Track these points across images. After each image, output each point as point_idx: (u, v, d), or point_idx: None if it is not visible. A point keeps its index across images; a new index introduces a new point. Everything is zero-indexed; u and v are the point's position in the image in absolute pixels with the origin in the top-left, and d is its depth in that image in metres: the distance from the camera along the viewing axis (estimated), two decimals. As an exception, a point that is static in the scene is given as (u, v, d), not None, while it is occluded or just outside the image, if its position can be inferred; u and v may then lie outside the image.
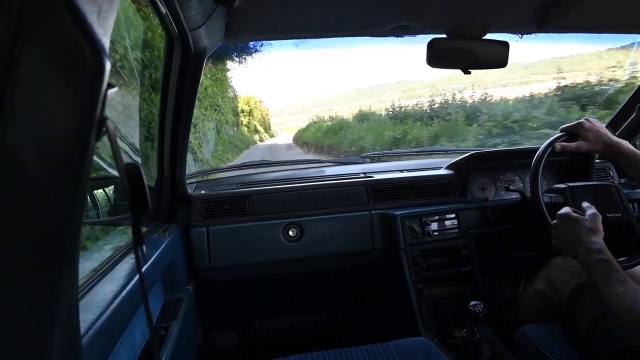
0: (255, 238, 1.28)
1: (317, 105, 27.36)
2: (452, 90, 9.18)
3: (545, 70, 9.08)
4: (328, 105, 26.41)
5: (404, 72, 34.48)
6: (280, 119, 22.64)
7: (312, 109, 26.96)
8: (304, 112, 26.34)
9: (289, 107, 26.48)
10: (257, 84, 30.11)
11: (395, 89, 15.77)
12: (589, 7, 0.92)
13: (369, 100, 17.98)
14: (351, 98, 25.44)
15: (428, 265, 1.26)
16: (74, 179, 0.28)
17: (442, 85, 12.61)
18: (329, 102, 26.81)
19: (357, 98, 24.13)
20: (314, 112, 25.77)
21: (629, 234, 1.06)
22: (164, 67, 0.98)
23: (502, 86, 8.56)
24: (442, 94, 9.49)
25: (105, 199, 1.10)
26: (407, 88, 16.36)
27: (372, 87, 24.64)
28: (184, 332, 0.99)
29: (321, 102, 27.41)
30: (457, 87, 9.21)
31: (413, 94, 13.17)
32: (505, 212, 1.33)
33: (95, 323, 0.57)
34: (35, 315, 0.27)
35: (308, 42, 4.01)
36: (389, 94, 17.00)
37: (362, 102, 18.12)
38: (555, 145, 1.12)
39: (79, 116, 0.27)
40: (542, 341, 0.94)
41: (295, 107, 27.11)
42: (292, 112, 26.02)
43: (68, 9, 0.24)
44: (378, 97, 19.57)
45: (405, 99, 11.63)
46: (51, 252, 0.28)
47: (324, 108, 26.43)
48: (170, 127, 1.06)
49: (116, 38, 1.58)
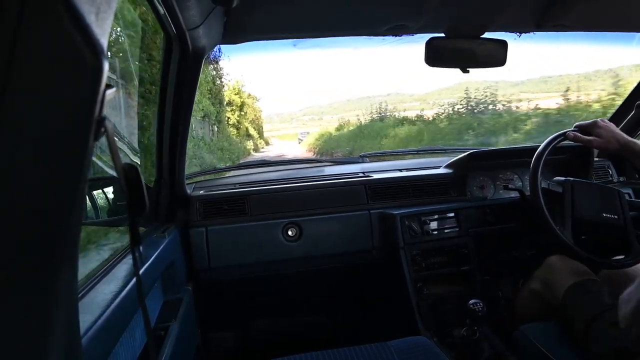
0: (254, 238, 1.28)
1: (307, 114, 27.69)
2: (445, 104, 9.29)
3: (534, 89, 9.17)
4: (318, 115, 26.80)
5: (394, 84, 34.66)
6: (270, 126, 22.50)
7: (302, 117, 27.25)
8: (294, 120, 26.62)
9: (279, 115, 26.59)
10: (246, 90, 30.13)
11: (386, 100, 15.93)
12: (588, 6, 0.92)
13: (359, 112, 18.19)
14: (342, 108, 25.88)
15: (427, 264, 1.26)
16: (72, 179, 0.28)
17: (433, 99, 12.70)
18: (319, 112, 27.20)
19: (348, 109, 24.49)
20: (303, 120, 25.98)
21: (621, 237, 1.07)
22: (162, 67, 0.98)
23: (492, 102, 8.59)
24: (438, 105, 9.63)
25: (103, 200, 1.10)
26: (398, 100, 16.50)
27: (362, 99, 25.03)
28: (183, 332, 0.99)
29: (311, 111, 27.75)
30: (448, 101, 9.29)
31: (403, 107, 13.30)
32: (504, 211, 1.33)
33: (95, 323, 0.57)
34: (35, 316, 0.27)
35: (300, 45, 4.01)
36: (379, 106, 17.22)
37: (353, 113, 18.30)
38: (569, 133, 1.12)
39: (77, 116, 0.27)
40: (541, 340, 0.94)
41: (284, 115, 27.34)
42: (281, 120, 26.18)
43: (67, 9, 0.24)
44: (368, 109, 19.80)
45: (399, 110, 11.77)
46: (50, 252, 0.28)
47: (314, 117, 26.72)
48: (169, 127, 1.06)
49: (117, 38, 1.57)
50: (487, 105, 8.21)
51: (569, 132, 1.12)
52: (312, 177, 1.48)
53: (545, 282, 1.08)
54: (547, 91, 7.36)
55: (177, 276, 1.14)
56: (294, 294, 1.55)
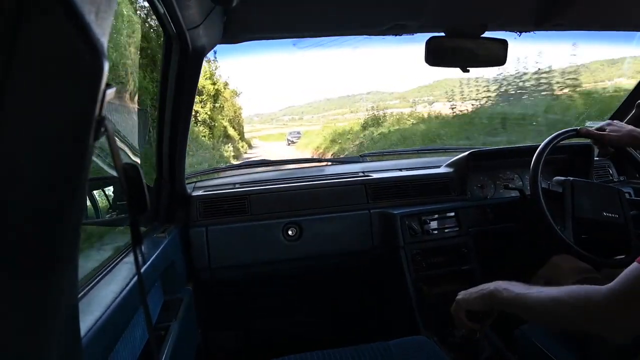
0: (255, 238, 1.28)
1: (287, 114, 27.68)
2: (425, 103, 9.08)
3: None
4: (298, 114, 26.80)
5: (374, 83, 34.80)
6: (250, 127, 22.13)
7: (282, 117, 27.22)
8: (274, 120, 26.54)
9: (258, 116, 26.29)
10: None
11: (366, 99, 15.81)
12: (587, 5, 0.92)
13: (340, 110, 18.03)
14: (322, 108, 25.91)
15: (427, 264, 1.26)
16: (72, 179, 0.28)
17: (413, 97, 12.61)
18: (300, 112, 27.20)
19: (328, 108, 24.53)
20: (284, 120, 25.90)
21: (622, 236, 1.07)
22: (162, 66, 0.98)
23: (474, 99, 8.42)
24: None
25: (104, 199, 1.10)
26: (378, 99, 16.48)
27: (342, 98, 25.07)
28: (183, 332, 0.99)
29: (291, 111, 27.74)
30: (428, 99, 9.14)
31: (384, 105, 13.13)
32: (504, 211, 1.33)
33: (95, 323, 0.57)
34: (35, 316, 0.27)
35: (300, 44, 3.92)
36: (360, 104, 17.13)
37: (333, 112, 18.13)
38: (581, 128, 1.12)
39: (77, 116, 0.27)
40: (541, 340, 0.94)
41: (264, 116, 27.10)
42: (261, 121, 25.95)
43: (67, 9, 0.23)
44: (349, 107, 19.79)
45: (379, 109, 11.49)
46: (50, 252, 0.28)
47: (294, 117, 26.71)
48: (169, 126, 1.06)
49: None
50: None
51: (581, 128, 1.12)
52: (312, 177, 1.48)
53: (547, 282, 1.07)
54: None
55: (178, 276, 1.14)
56: (294, 293, 1.55)
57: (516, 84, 7.05)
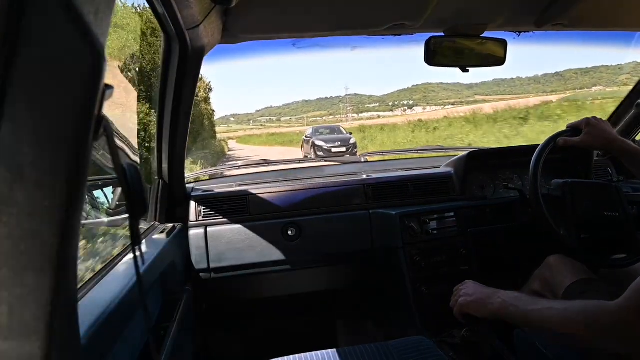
0: (254, 238, 1.28)
1: (264, 115, 27.68)
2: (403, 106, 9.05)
3: (488, 91, 9.10)
4: (276, 116, 26.81)
5: (352, 85, 34.95)
6: (225, 128, 21.77)
7: (259, 118, 27.25)
8: (252, 121, 26.52)
9: (235, 116, 26.25)
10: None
11: (344, 101, 15.79)
12: (587, 5, 0.92)
13: (318, 112, 17.91)
14: (299, 109, 25.84)
15: (427, 264, 1.26)
16: (72, 179, 0.28)
17: (392, 100, 12.58)
18: (277, 113, 27.19)
19: (306, 110, 24.49)
20: (261, 122, 25.93)
21: (625, 233, 1.07)
22: (161, 66, 0.98)
23: (451, 104, 8.43)
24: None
25: (103, 200, 1.10)
26: (357, 101, 16.43)
27: (320, 99, 25.06)
28: (182, 332, 0.99)
29: (269, 112, 27.73)
30: (407, 103, 9.15)
31: (363, 108, 13.09)
32: (504, 211, 1.33)
33: (94, 323, 0.57)
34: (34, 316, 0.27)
35: (300, 44, 3.87)
36: (338, 106, 17.11)
37: (312, 114, 17.96)
38: (558, 140, 1.12)
39: (77, 116, 0.27)
40: (541, 340, 0.94)
41: (240, 116, 27.02)
42: (238, 121, 25.83)
43: (66, 9, 0.23)
44: (328, 110, 19.68)
45: (355, 112, 11.38)
46: (49, 252, 0.27)
47: (271, 118, 26.79)
48: (168, 126, 1.06)
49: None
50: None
51: (559, 139, 1.12)
52: (312, 177, 1.48)
53: (545, 282, 1.08)
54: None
55: (177, 276, 1.13)
56: (294, 293, 1.55)
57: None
